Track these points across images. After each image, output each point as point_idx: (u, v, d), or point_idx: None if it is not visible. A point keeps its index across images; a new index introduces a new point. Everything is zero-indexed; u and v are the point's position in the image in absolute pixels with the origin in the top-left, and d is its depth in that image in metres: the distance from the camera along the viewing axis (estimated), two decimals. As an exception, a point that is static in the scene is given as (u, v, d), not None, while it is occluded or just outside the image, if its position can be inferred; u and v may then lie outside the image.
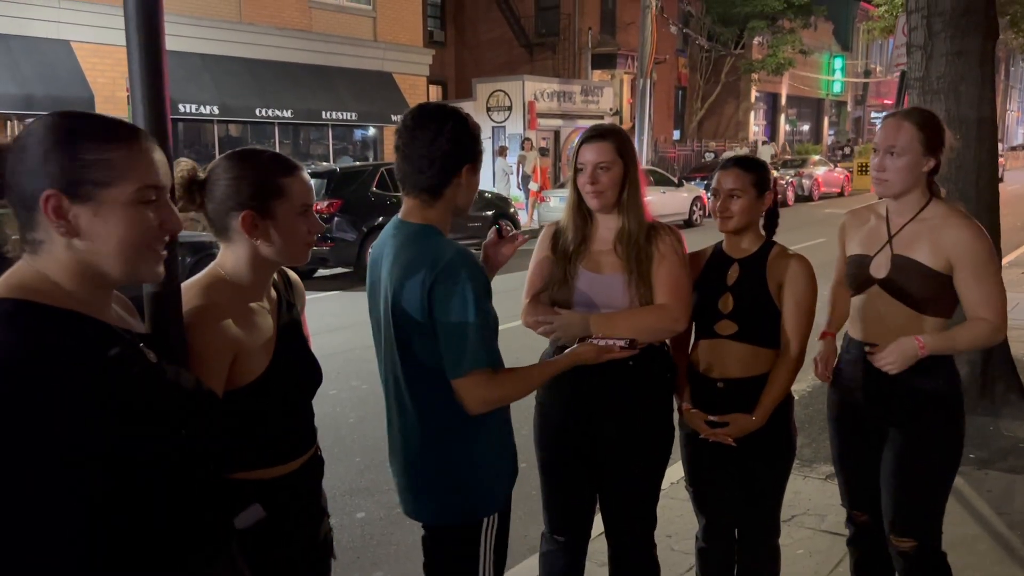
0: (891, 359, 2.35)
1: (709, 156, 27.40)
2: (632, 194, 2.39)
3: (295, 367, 1.78)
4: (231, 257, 1.71)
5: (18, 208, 1.21)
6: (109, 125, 1.25)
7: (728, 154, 25.86)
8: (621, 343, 2.07)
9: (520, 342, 2.17)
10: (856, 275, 2.52)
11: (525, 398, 2.07)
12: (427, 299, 1.87)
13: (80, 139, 1.20)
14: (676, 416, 2.58)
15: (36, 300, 1.18)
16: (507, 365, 2.00)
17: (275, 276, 1.82)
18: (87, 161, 1.19)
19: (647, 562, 2.58)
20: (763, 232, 2.55)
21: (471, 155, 1.97)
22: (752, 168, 2.48)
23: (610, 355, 2.08)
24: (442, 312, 1.86)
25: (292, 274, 1.93)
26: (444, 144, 1.91)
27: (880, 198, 2.52)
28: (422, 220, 1.99)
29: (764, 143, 31.24)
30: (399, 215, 2.05)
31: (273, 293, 1.80)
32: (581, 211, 2.45)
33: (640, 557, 2.58)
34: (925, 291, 2.37)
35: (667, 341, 2.52)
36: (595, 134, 2.41)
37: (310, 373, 1.84)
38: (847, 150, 34.59)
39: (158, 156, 1.28)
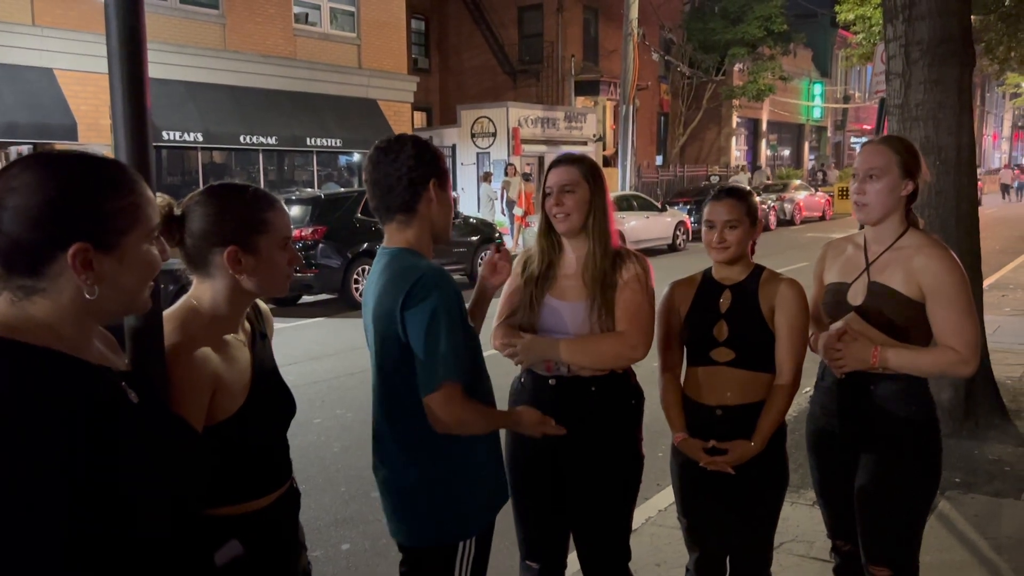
0: (842, 356, 2.38)
1: (715, 179, 27.65)
2: (598, 220, 2.43)
3: (272, 399, 1.76)
4: (209, 291, 1.69)
5: (13, 257, 1.17)
6: (117, 171, 1.26)
7: (736, 178, 26.18)
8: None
9: (494, 370, 2.20)
10: (833, 302, 2.53)
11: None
12: (400, 316, 1.91)
13: (100, 189, 1.20)
14: (668, 443, 2.57)
15: (18, 338, 1.16)
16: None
17: None
18: (111, 210, 1.20)
19: None
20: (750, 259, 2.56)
21: (435, 170, 2.05)
22: (745, 198, 2.51)
23: (543, 430, 2.17)
24: (414, 328, 1.89)
25: (262, 303, 1.91)
26: (407, 160, 2.00)
27: (861, 225, 2.55)
28: (401, 243, 2.05)
29: (759, 168, 31.86)
30: (381, 244, 2.10)
31: (247, 324, 1.78)
32: (550, 237, 2.50)
33: None
34: (900, 319, 2.38)
35: (668, 371, 2.56)
36: (561, 160, 2.49)
37: (286, 404, 1.82)
38: (821, 174, 35.10)
39: (151, 193, 1.30)
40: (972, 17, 5.26)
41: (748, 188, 2.65)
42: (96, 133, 13.38)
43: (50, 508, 1.06)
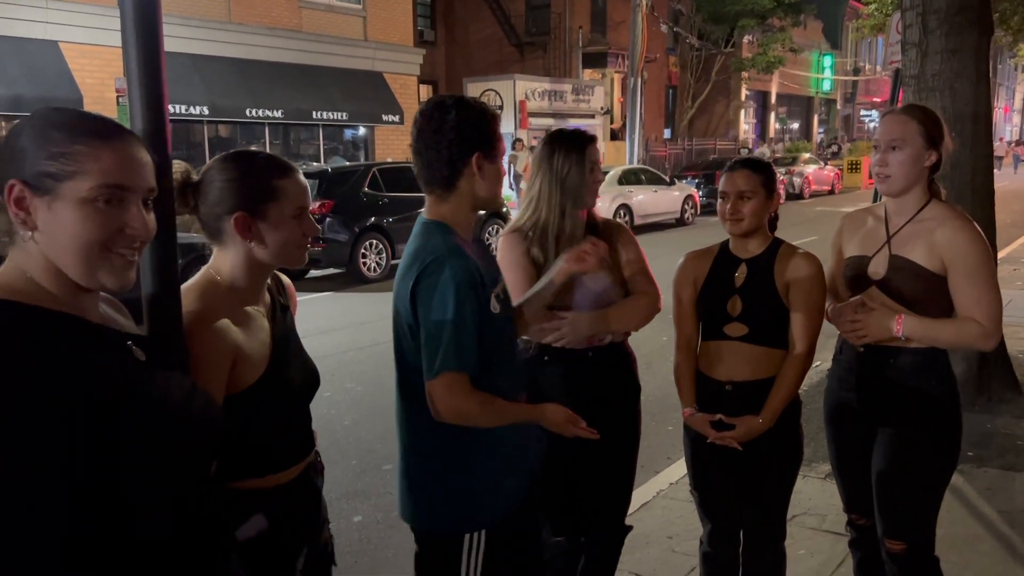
0: (863, 327, 2.35)
1: (744, 151, 27.61)
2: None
3: (292, 371, 1.74)
4: (226, 260, 1.68)
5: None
6: (82, 119, 1.21)
7: (760, 150, 26.00)
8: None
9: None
10: (854, 276, 2.49)
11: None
12: (411, 297, 1.85)
13: (48, 130, 1.18)
14: (679, 415, 2.57)
15: (14, 299, 1.15)
16: None
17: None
18: (50, 152, 1.17)
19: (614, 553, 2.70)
20: (769, 232, 2.52)
21: (481, 143, 1.91)
22: (761, 169, 2.46)
23: (574, 431, 2.05)
24: (422, 309, 1.83)
25: (283, 276, 1.90)
26: (449, 133, 1.87)
27: (881, 197, 2.50)
28: (434, 216, 1.97)
29: (779, 141, 32.07)
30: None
31: (267, 296, 1.77)
32: (562, 212, 2.49)
33: (610, 550, 2.68)
34: (921, 292, 2.35)
35: (683, 343, 2.61)
36: (592, 138, 2.56)
37: (307, 376, 1.81)
38: (834, 148, 34.84)
39: (135, 157, 1.22)
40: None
41: (767, 160, 2.61)
42: (102, 106, 13.30)
43: (50, 508, 1.05)
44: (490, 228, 13.29)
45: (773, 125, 37.00)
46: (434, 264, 1.83)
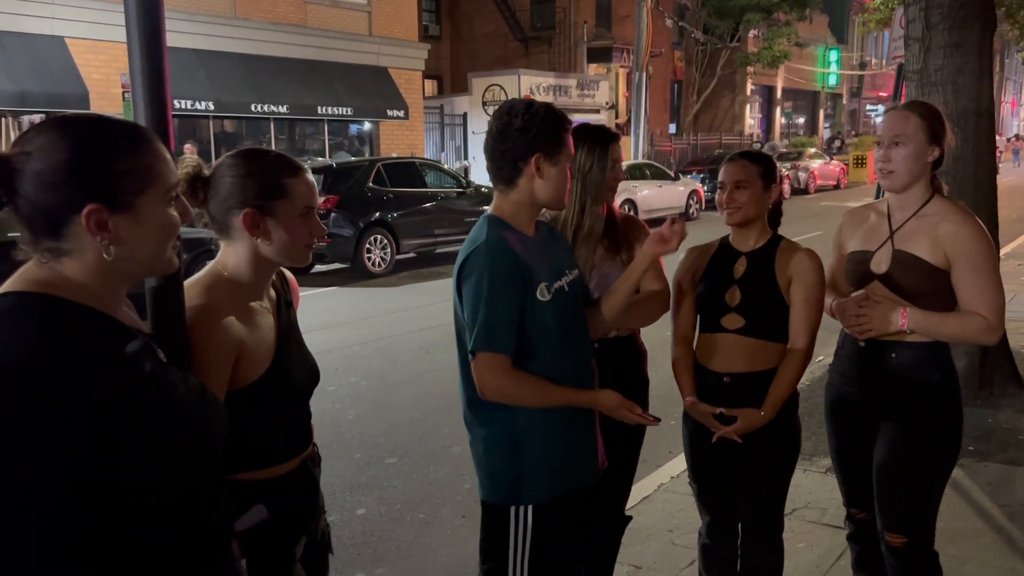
0: (868, 321, 2.36)
1: (756, 146, 27.75)
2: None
3: (295, 367, 1.77)
4: (232, 256, 1.71)
5: (35, 220, 1.18)
6: (131, 132, 1.25)
7: (771, 143, 25.92)
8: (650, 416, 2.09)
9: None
10: (856, 271, 2.50)
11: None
12: (457, 284, 2.00)
13: (112, 150, 1.20)
14: (681, 410, 2.59)
15: (56, 295, 1.17)
16: None
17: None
18: (123, 171, 1.20)
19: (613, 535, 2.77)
20: (769, 228, 2.54)
21: (542, 146, 1.99)
22: (758, 160, 2.48)
23: (627, 417, 2.05)
24: (464, 294, 1.96)
25: (287, 272, 1.93)
26: (513, 133, 1.98)
27: (877, 194, 2.52)
28: (494, 211, 2.08)
29: (784, 136, 32.02)
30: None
31: (272, 292, 1.80)
32: (581, 207, 2.52)
33: (610, 541, 2.75)
34: (925, 287, 2.36)
35: (681, 337, 2.65)
36: (616, 136, 2.61)
37: (309, 373, 1.84)
38: (838, 143, 34.77)
39: (168, 153, 1.30)
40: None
41: (768, 154, 2.64)
42: (108, 102, 13.34)
43: (50, 508, 1.07)
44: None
45: (779, 120, 36.91)
46: (475, 255, 1.96)
